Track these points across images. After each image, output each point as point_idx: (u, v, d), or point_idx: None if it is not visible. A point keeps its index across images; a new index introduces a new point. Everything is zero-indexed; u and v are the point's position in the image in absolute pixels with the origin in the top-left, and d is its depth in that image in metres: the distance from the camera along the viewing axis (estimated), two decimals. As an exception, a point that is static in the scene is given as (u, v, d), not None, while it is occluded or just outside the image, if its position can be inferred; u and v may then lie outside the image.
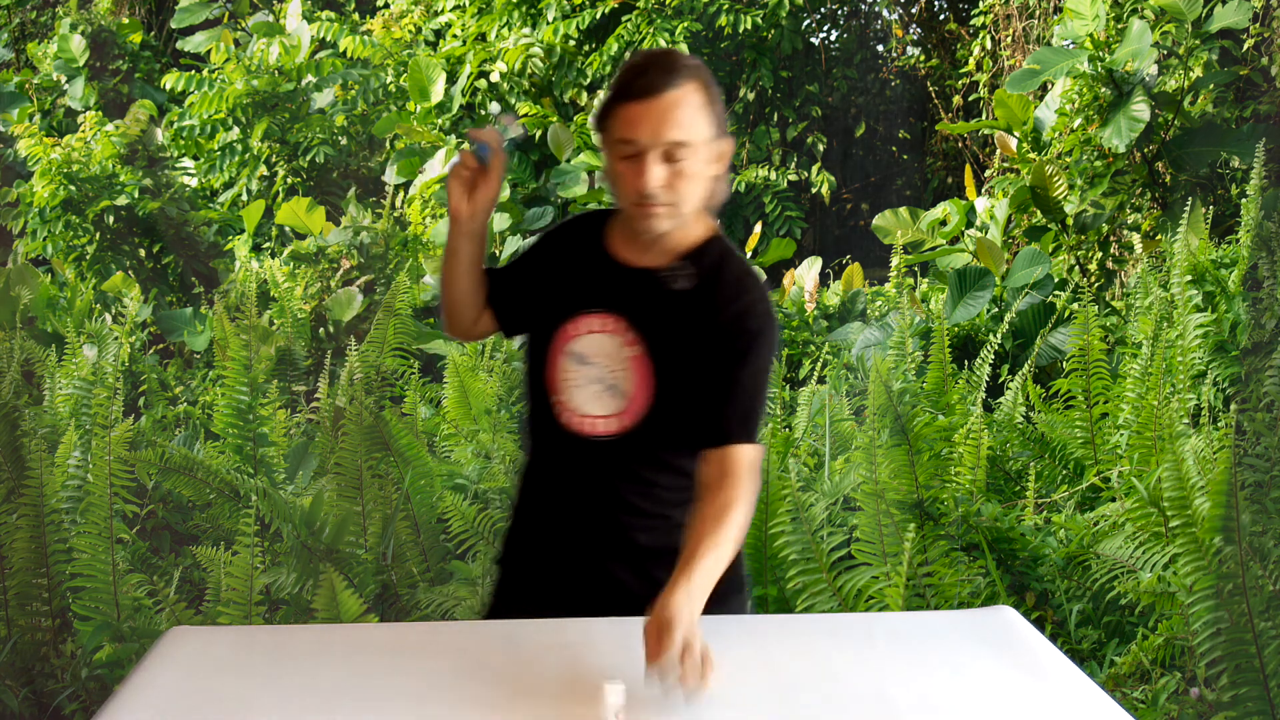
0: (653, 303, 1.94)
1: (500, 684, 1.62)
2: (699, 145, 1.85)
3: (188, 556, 4.14)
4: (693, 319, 1.92)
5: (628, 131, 1.83)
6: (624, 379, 1.93)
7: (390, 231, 9.18)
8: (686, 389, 1.91)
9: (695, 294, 1.93)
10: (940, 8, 13.85)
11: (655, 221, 1.87)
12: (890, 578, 3.31)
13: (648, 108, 1.82)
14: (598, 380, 1.94)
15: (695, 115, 1.84)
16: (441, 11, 11.99)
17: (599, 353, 1.94)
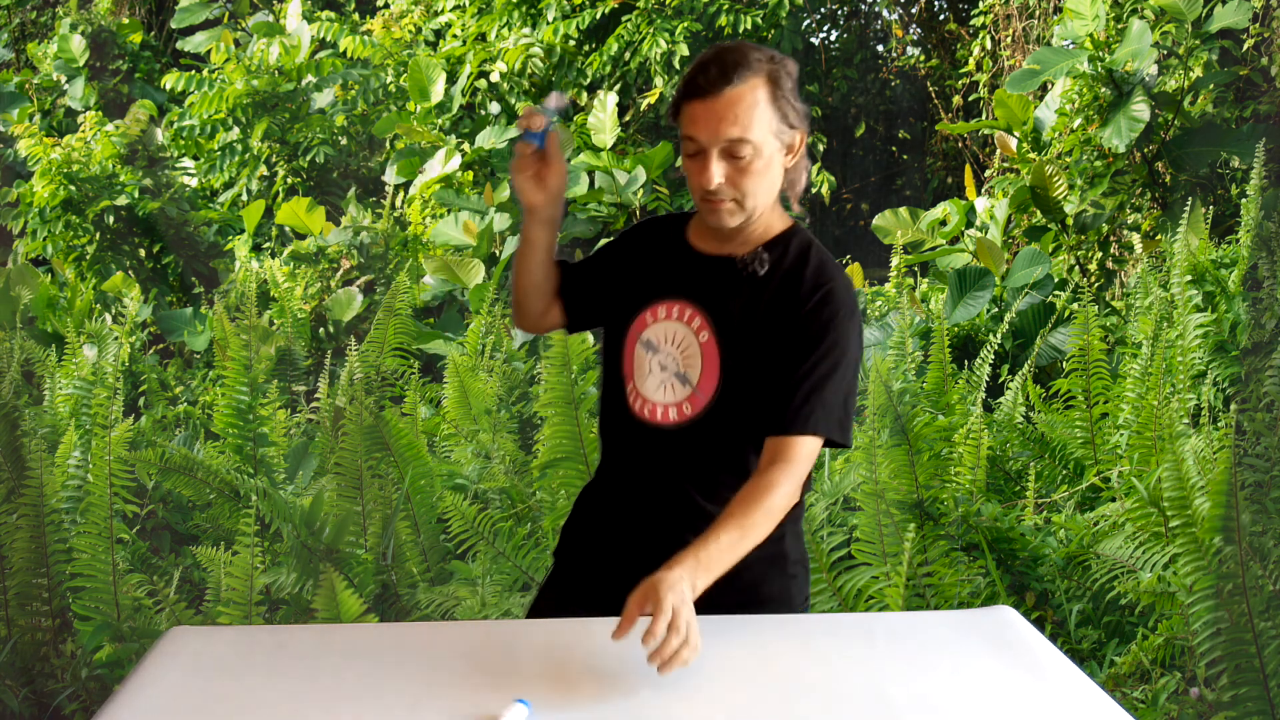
0: (725, 289, 1.93)
1: (500, 684, 1.62)
2: (762, 141, 1.84)
3: (188, 556, 4.14)
4: (765, 305, 1.90)
5: (690, 129, 1.85)
6: (693, 367, 1.92)
7: (390, 231, 9.19)
8: (754, 377, 1.89)
9: (770, 281, 1.91)
10: (940, 8, 13.85)
11: (721, 217, 1.89)
12: (890, 578, 3.31)
13: (708, 106, 1.83)
14: (666, 368, 1.94)
15: (757, 112, 1.83)
16: (441, 11, 11.99)
17: (669, 340, 1.94)
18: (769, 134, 1.85)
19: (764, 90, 1.84)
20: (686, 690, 1.59)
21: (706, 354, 1.92)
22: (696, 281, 1.96)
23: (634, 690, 1.59)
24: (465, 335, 7.00)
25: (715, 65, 1.83)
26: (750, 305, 1.91)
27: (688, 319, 1.94)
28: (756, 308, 1.91)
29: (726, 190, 1.86)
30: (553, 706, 1.56)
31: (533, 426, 5.30)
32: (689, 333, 1.93)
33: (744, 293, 1.92)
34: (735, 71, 1.82)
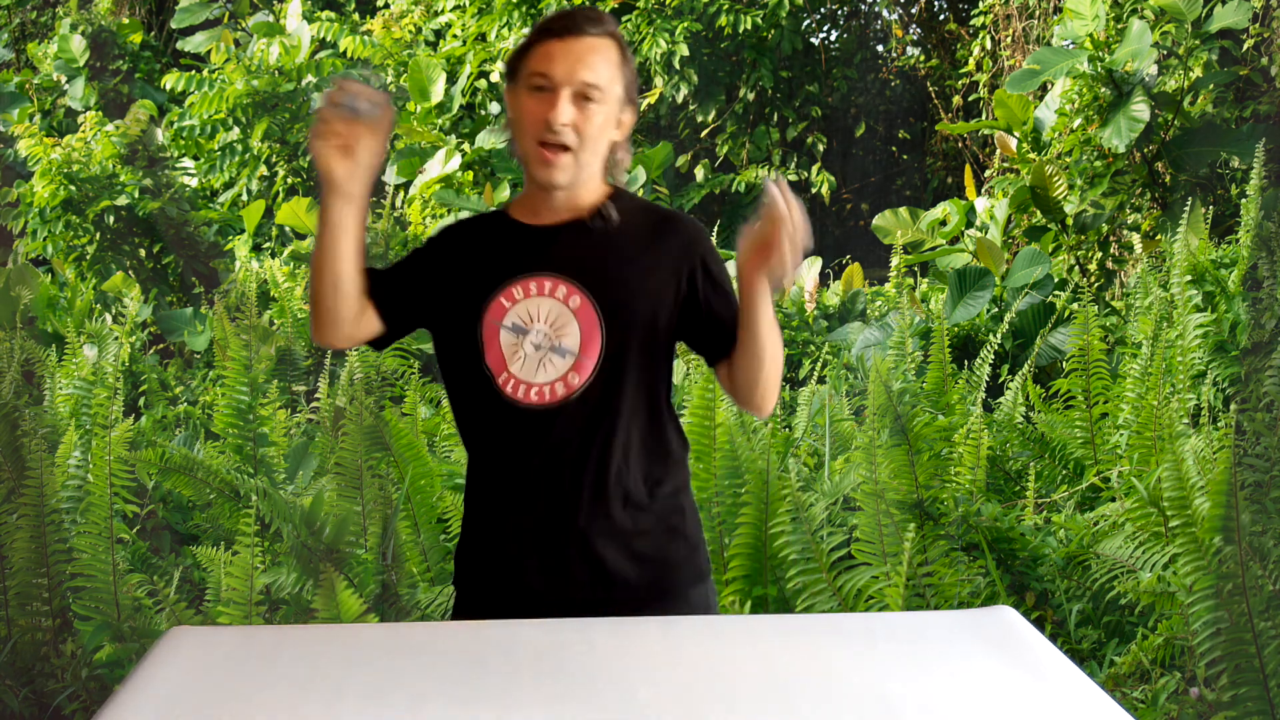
0: (585, 251, 1.88)
1: (500, 684, 1.62)
2: (610, 96, 1.83)
3: (188, 556, 4.14)
4: (636, 256, 1.89)
5: (543, 65, 1.81)
6: (568, 336, 1.86)
7: (390, 231, 9.19)
8: (642, 330, 1.88)
9: (630, 232, 1.89)
10: (940, 8, 13.85)
11: (554, 169, 1.83)
12: (890, 578, 3.31)
13: (567, 46, 1.81)
14: (540, 346, 1.87)
15: (611, 66, 1.84)
16: (441, 12, 12.00)
17: (536, 316, 1.87)
18: (614, 93, 1.85)
19: (616, 51, 1.85)
20: (686, 690, 1.59)
21: (583, 319, 1.86)
22: (551, 252, 1.89)
23: (633, 690, 1.59)
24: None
25: (576, 13, 1.83)
26: (613, 257, 1.88)
27: (551, 290, 1.87)
28: (621, 257, 1.88)
29: (569, 134, 1.81)
30: (552, 706, 1.56)
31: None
32: (556, 304, 1.87)
33: (603, 246, 1.88)
34: (595, 23, 1.83)
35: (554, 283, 1.88)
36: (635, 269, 1.89)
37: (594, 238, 1.89)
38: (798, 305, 8.17)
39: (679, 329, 1.92)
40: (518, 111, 1.85)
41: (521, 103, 1.84)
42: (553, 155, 1.82)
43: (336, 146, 1.76)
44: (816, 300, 8.42)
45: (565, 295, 1.87)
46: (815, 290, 8.55)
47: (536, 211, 1.91)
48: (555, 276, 1.88)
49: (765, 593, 3.51)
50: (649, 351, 1.90)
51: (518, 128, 1.86)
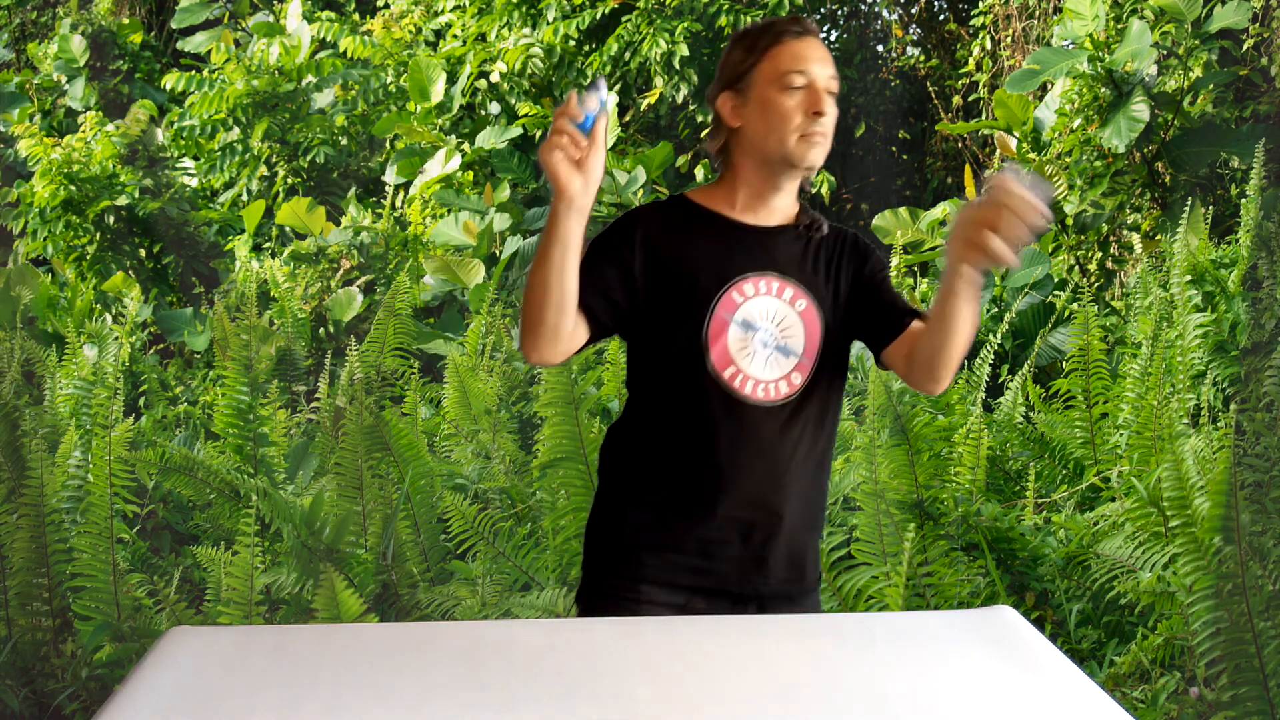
0: (803, 256, 1.98)
1: (500, 684, 1.62)
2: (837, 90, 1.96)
3: (188, 556, 4.14)
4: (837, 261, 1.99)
5: (797, 64, 1.90)
6: (794, 338, 1.95)
7: (390, 232, 9.20)
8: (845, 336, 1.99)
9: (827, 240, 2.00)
10: (940, 8, 13.85)
11: (816, 150, 1.92)
12: (890, 578, 3.31)
13: (811, 45, 1.93)
14: (768, 344, 1.94)
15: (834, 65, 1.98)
16: (441, 12, 11.99)
17: (765, 315, 1.95)
18: None
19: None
20: (686, 690, 1.59)
21: (807, 322, 1.96)
22: (773, 253, 1.97)
23: (634, 690, 1.59)
24: (465, 335, 7.00)
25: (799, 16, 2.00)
26: (828, 266, 1.98)
27: (778, 292, 1.95)
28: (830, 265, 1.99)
29: (829, 122, 1.92)
30: (552, 706, 1.56)
31: (533, 426, 5.30)
32: (782, 305, 1.95)
33: (818, 254, 1.98)
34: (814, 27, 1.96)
35: (781, 284, 1.96)
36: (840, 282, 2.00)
37: (808, 245, 1.99)
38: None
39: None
40: (767, 106, 1.92)
41: (774, 101, 1.91)
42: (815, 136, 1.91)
43: (567, 160, 1.74)
44: (816, 300, 8.42)
45: (792, 297, 1.96)
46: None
47: (751, 210, 1.98)
48: (781, 278, 1.96)
49: (765, 593, 3.50)
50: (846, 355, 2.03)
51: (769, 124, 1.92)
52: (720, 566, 1.97)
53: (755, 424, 1.95)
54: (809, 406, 1.97)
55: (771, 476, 1.96)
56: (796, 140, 1.91)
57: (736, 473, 1.95)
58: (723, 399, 1.94)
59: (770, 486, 1.96)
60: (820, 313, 1.97)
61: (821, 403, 1.99)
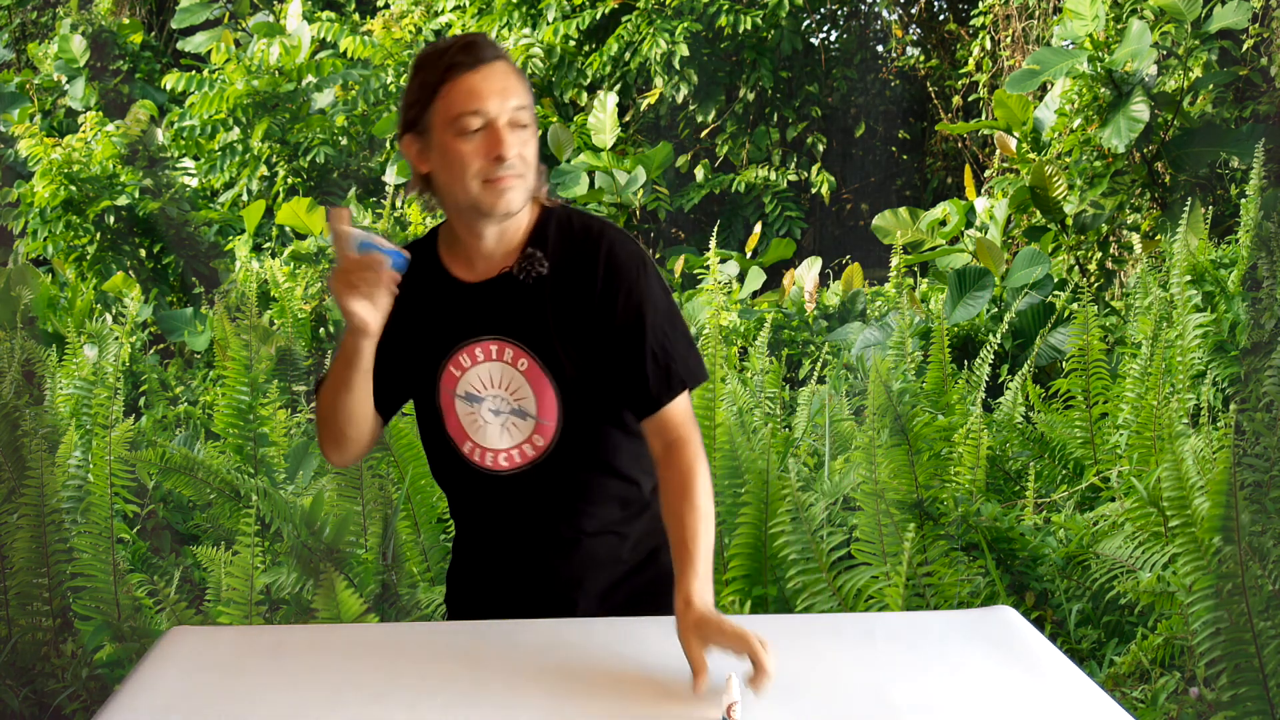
0: (519, 308, 1.80)
1: (500, 684, 1.62)
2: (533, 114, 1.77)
3: (188, 556, 4.14)
4: (566, 301, 1.79)
5: (470, 104, 1.69)
6: (526, 399, 1.81)
7: (390, 232, 9.19)
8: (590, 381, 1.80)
9: (556, 275, 1.79)
10: (940, 8, 13.84)
11: (510, 195, 1.73)
12: (890, 578, 3.31)
13: (486, 76, 1.71)
14: (500, 411, 1.82)
15: (525, 86, 1.76)
16: (442, 12, 12.00)
17: (490, 383, 1.82)
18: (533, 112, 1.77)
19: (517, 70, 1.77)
20: (686, 690, 1.59)
21: (533, 380, 1.80)
22: (487, 313, 1.81)
23: (633, 690, 1.59)
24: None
25: (474, 42, 1.73)
26: (552, 311, 1.79)
27: (498, 354, 1.81)
28: (559, 310, 1.79)
29: (518, 164, 1.72)
30: (552, 706, 1.56)
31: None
32: (506, 367, 1.81)
33: (537, 301, 1.79)
34: (495, 46, 1.75)
35: (499, 345, 1.81)
36: (572, 320, 1.79)
37: (525, 293, 1.79)
38: (798, 305, 8.17)
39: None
40: (446, 157, 1.73)
41: (450, 147, 1.72)
42: (507, 180, 1.72)
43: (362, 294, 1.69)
44: (816, 300, 8.42)
45: (513, 358, 1.81)
46: (815, 290, 8.55)
47: (470, 262, 1.82)
48: (499, 339, 1.81)
49: (765, 593, 3.51)
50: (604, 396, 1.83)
51: (451, 173, 1.73)
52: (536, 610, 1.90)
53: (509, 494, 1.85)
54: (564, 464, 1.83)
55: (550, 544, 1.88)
56: (480, 188, 1.72)
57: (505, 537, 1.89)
58: (469, 471, 1.86)
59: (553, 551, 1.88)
60: (546, 369, 1.79)
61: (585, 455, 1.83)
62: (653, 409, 1.79)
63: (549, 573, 1.90)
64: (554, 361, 1.79)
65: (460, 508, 1.95)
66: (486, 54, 1.72)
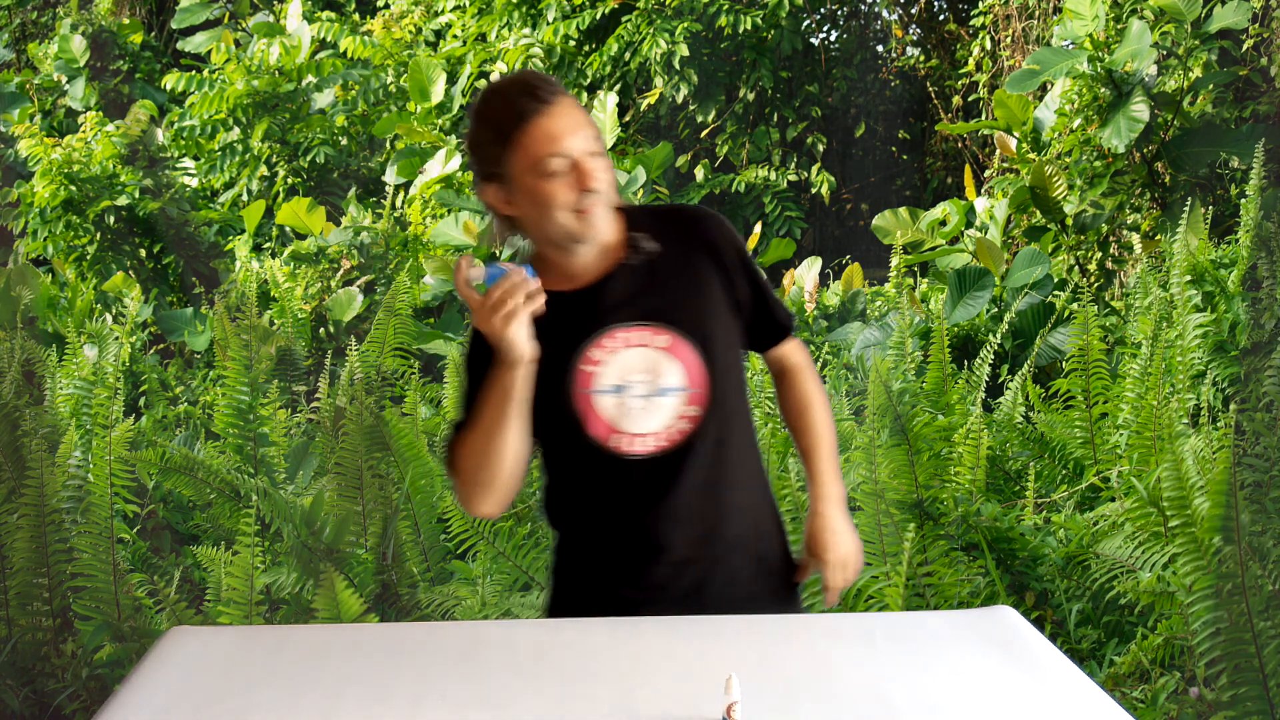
0: (643, 289, 1.88)
1: (500, 684, 1.62)
2: (600, 136, 1.85)
3: (188, 556, 4.14)
4: (684, 269, 1.90)
5: (551, 146, 1.76)
6: (669, 373, 1.86)
7: (390, 232, 9.19)
8: (727, 328, 1.91)
9: (666, 251, 1.89)
10: (940, 8, 13.84)
11: (595, 222, 1.81)
12: (890, 578, 3.31)
13: (556, 116, 1.78)
14: (645, 393, 1.86)
15: (589, 117, 1.84)
16: (442, 12, 12.00)
17: (633, 369, 1.86)
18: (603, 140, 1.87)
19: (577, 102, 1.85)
20: (686, 690, 1.59)
21: (676, 352, 1.87)
22: (611, 306, 1.87)
23: (633, 690, 1.60)
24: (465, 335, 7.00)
25: (535, 84, 1.80)
26: (677, 282, 1.89)
27: (634, 340, 1.86)
28: (682, 279, 1.89)
29: (603, 188, 1.80)
30: (552, 706, 1.56)
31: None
32: (643, 350, 1.86)
33: (660, 278, 1.88)
34: (553, 82, 1.82)
35: (631, 330, 1.86)
36: (694, 284, 1.90)
37: (644, 273, 1.88)
38: (798, 305, 8.18)
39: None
40: (537, 199, 1.80)
41: (539, 189, 1.79)
42: (592, 210, 1.80)
43: (514, 321, 1.73)
44: (816, 300, 8.42)
45: (650, 338, 1.87)
46: (815, 290, 8.55)
47: (570, 276, 1.88)
48: (629, 325, 1.86)
49: (765, 593, 3.50)
50: (737, 353, 1.95)
51: (541, 212, 1.80)
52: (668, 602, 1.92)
53: (659, 476, 1.88)
54: (716, 431, 1.90)
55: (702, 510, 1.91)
56: (573, 219, 1.80)
57: (663, 527, 1.90)
58: (614, 465, 1.87)
59: (699, 523, 1.91)
60: (687, 336, 1.87)
61: (732, 418, 1.92)
62: (782, 336, 2.01)
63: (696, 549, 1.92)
64: (692, 326, 1.88)
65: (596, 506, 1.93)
66: (550, 94, 1.79)
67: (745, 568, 1.95)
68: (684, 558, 1.91)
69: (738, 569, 1.94)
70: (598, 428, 1.86)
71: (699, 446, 1.89)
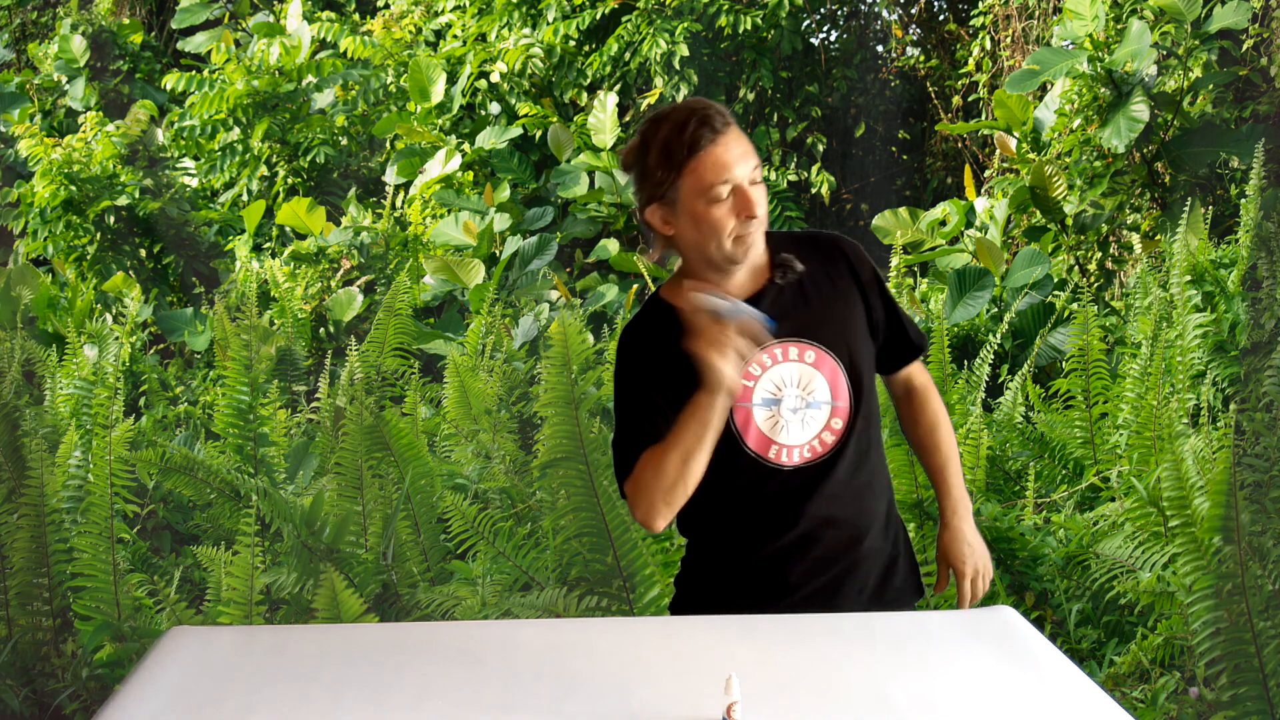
0: (792, 307, 1.96)
1: (500, 684, 1.62)
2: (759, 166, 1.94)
3: (188, 556, 4.15)
4: (828, 289, 1.99)
5: (718, 174, 1.85)
6: (818, 389, 1.96)
7: (390, 232, 9.20)
8: (866, 357, 2.00)
9: (810, 272, 1.98)
10: (940, 8, 13.84)
11: (757, 244, 1.92)
12: (890, 578, 3.30)
13: (727, 144, 1.86)
14: (796, 410, 1.95)
15: (749, 141, 1.92)
16: (442, 12, 11.99)
17: (783, 383, 1.95)
18: None
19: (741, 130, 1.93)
20: (686, 690, 1.59)
21: (822, 367, 1.96)
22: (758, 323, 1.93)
23: (633, 690, 1.60)
24: (465, 335, 7.00)
25: (707, 111, 1.88)
26: (821, 300, 1.98)
27: (784, 355, 1.96)
28: (826, 298, 1.99)
29: (761, 211, 1.89)
30: (552, 706, 1.56)
31: (533, 426, 5.30)
32: (795, 364, 1.96)
33: (806, 297, 1.97)
34: (725, 113, 1.90)
35: (783, 346, 1.96)
36: (838, 305, 2.00)
37: (792, 292, 1.97)
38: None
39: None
40: (701, 224, 1.88)
41: (704, 214, 1.87)
42: (751, 235, 1.90)
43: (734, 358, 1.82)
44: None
45: (799, 353, 1.96)
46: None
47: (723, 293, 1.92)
48: (778, 341, 1.94)
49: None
50: (871, 371, 2.04)
51: (703, 235, 1.89)
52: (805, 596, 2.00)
53: (814, 485, 1.97)
54: (859, 443, 2.00)
55: (845, 518, 2.00)
56: (732, 244, 1.90)
57: (811, 531, 1.98)
58: (767, 476, 1.95)
59: (847, 528, 2.00)
60: (831, 352, 1.97)
61: (870, 433, 2.03)
62: (915, 354, 2.11)
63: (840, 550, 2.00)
64: (836, 342, 1.98)
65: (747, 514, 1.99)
66: (723, 124, 1.88)
67: (875, 574, 2.04)
68: (827, 555, 1.99)
69: (869, 574, 2.03)
70: (755, 439, 1.95)
71: (845, 456, 1.99)
